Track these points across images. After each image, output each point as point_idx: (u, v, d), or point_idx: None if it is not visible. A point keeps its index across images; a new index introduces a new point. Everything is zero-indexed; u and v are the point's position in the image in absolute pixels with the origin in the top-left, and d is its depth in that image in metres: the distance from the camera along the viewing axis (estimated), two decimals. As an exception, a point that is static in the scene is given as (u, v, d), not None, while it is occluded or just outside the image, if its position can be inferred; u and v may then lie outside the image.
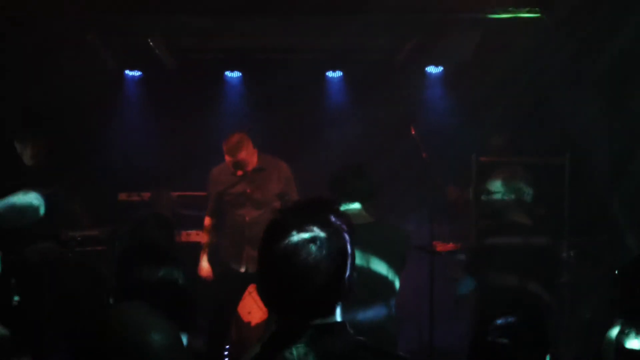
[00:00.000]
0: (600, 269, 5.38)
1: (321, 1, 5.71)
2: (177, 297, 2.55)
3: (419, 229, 5.77)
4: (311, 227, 1.89)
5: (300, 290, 1.88)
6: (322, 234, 1.88)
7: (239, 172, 5.80)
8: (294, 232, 1.88)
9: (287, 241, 1.87)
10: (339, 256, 1.91)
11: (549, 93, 6.26)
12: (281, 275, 1.89)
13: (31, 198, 4.21)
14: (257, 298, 6.47)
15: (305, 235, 1.87)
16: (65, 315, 3.38)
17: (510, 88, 6.29)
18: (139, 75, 7.61)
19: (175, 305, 2.49)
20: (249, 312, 6.54)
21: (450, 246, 6.17)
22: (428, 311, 5.20)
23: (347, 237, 1.94)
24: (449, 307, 5.46)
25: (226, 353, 6.41)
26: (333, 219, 1.94)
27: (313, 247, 1.87)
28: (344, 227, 1.95)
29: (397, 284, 4.04)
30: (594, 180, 5.88)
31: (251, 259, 5.82)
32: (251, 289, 6.37)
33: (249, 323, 6.53)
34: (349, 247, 1.94)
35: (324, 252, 1.87)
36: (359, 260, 3.81)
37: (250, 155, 5.77)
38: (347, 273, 1.93)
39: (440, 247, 5.93)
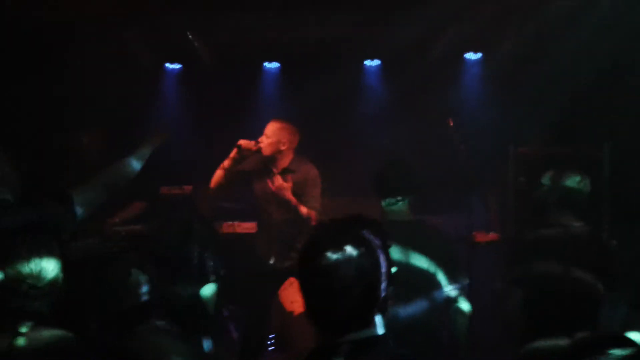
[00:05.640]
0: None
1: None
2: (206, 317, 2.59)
3: (456, 219, 5.71)
4: (344, 246, 1.94)
5: (335, 307, 1.94)
6: (355, 253, 1.93)
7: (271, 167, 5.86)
8: (328, 251, 1.94)
9: (320, 260, 1.94)
10: (372, 273, 1.96)
11: (590, 84, 6.14)
12: (316, 292, 1.97)
13: None
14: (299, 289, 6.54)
15: (339, 255, 1.93)
16: (109, 316, 3.46)
17: (551, 78, 6.20)
18: (179, 69, 7.68)
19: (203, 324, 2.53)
20: (292, 302, 6.61)
21: (491, 236, 6.07)
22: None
23: (380, 253, 1.99)
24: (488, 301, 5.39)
25: (270, 342, 6.48)
26: (367, 235, 1.99)
27: (345, 267, 1.92)
28: (378, 242, 2.00)
29: (440, 276, 4.00)
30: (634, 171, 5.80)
31: (280, 256, 5.90)
32: (292, 280, 6.43)
33: (292, 312, 6.59)
34: (382, 263, 1.99)
35: (356, 270, 1.93)
36: (398, 256, 3.81)
37: (284, 155, 5.83)
38: (382, 287, 1.98)
39: (480, 237, 5.87)
